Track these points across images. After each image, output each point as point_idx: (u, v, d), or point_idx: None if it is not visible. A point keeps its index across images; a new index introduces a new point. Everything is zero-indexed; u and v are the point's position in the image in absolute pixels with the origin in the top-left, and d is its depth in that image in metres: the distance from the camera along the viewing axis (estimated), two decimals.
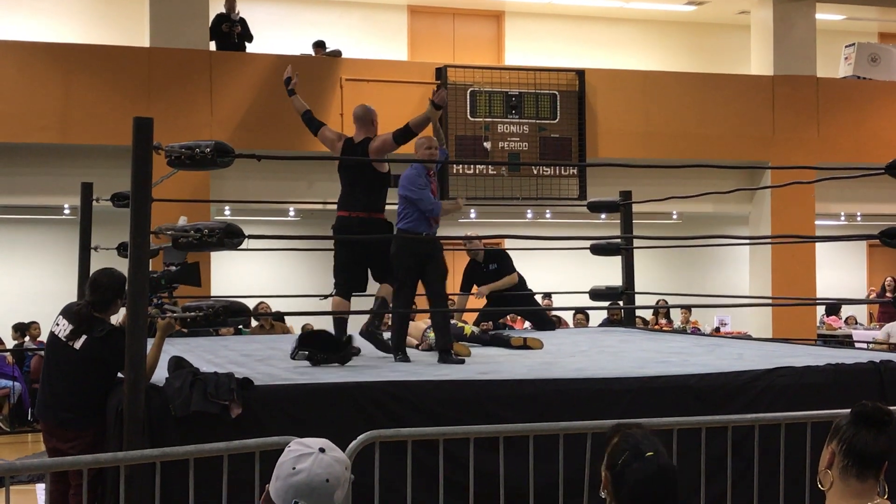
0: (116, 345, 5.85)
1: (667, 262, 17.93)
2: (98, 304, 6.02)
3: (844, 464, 2.79)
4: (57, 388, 6.06)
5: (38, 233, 15.64)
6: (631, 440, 2.99)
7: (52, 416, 6.15)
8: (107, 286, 6.06)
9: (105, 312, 6.03)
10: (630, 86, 15.61)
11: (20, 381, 12.39)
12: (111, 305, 6.06)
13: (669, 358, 7.19)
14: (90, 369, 5.88)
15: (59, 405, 6.02)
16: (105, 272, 6.26)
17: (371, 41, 16.73)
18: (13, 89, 12.94)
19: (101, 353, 5.84)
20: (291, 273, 16.26)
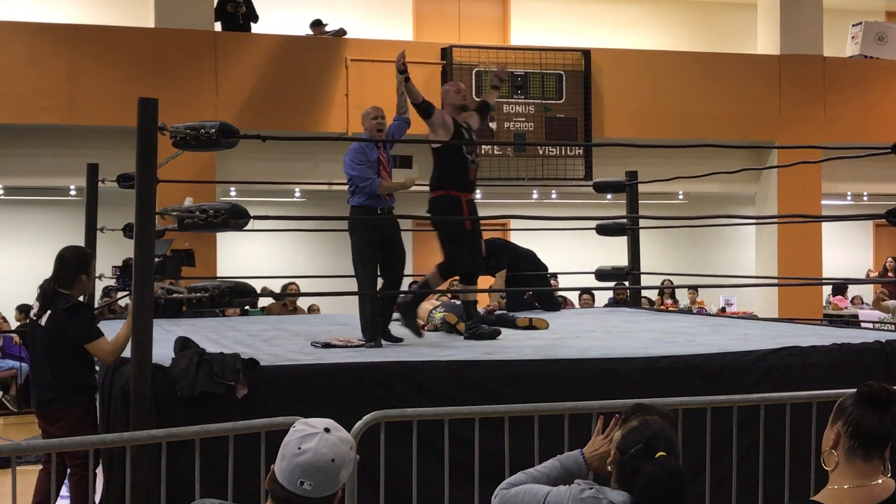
0: (79, 317, 5.88)
1: (673, 242, 17.91)
2: (62, 280, 6.07)
3: (850, 444, 2.78)
4: (36, 370, 6.10)
5: (43, 214, 15.65)
6: (647, 432, 3.03)
7: (36, 399, 6.16)
8: (69, 261, 6.11)
9: (70, 288, 6.05)
10: (636, 65, 15.56)
11: (27, 361, 12.41)
12: (75, 281, 6.10)
13: (675, 338, 7.19)
14: (58, 345, 5.90)
15: (40, 386, 6.05)
16: (69, 248, 6.33)
17: (376, 21, 16.67)
18: (19, 70, 12.93)
19: (64, 325, 5.86)
20: (297, 254, 16.27)
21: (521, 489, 3.20)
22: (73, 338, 5.85)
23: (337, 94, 13.93)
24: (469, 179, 7.27)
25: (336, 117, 13.85)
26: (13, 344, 12.63)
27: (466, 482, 4.82)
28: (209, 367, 5.27)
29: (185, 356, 5.43)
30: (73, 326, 5.85)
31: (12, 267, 15.11)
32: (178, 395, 5.19)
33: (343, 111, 13.79)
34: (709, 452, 5.01)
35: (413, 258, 16.92)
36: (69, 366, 5.92)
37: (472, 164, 7.30)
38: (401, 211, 7.60)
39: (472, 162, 7.30)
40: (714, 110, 15.51)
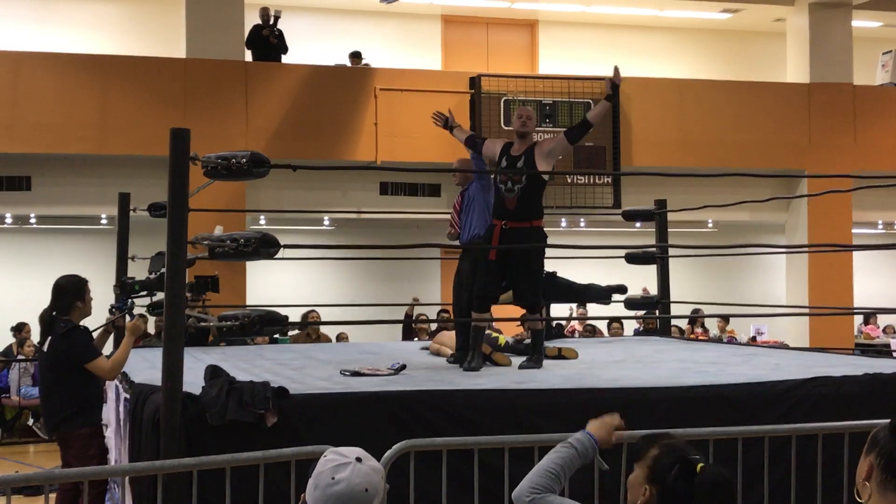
0: (78, 339, 6.05)
1: (703, 270, 17.84)
2: (59, 308, 6.28)
3: (883, 477, 2.75)
4: (44, 396, 6.25)
5: (75, 242, 15.79)
6: (676, 452, 2.98)
7: (49, 424, 6.33)
8: (65, 289, 6.27)
9: (68, 314, 6.20)
10: (665, 94, 15.56)
11: None
12: (72, 308, 6.29)
13: (705, 368, 7.13)
14: (60, 367, 6.07)
15: (48, 411, 6.19)
16: (65, 277, 6.57)
17: (405, 50, 16.78)
18: (52, 100, 13.09)
19: (65, 347, 6.01)
20: (327, 282, 16.31)
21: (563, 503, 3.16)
22: (73, 359, 6.00)
23: (366, 123, 14.00)
24: (506, 207, 7.25)
25: (365, 146, 13.91)
26: None
27: None
28: (239, 396, 5.27)
29: (215, 384, 5.44)
30: (71, 348, 6.01)
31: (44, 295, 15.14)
32: (208, 423, 5.20)
33: (372, 140, 13.86)
34: (740, 484, 4.96)
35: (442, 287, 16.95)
36: (72, 388, 6.09)
37: (508, 193, 7.26)
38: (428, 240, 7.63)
39: (508, 190, 7.26)
40: (743, 139, 15.47)
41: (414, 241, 15.30)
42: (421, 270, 16.70)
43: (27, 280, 15.59)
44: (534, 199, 7.28)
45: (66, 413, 6.06)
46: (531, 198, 7.24)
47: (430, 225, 15.69)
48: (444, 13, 17.28)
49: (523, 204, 7.18)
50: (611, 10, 17.37)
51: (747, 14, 17.50)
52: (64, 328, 6.13)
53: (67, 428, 6.08)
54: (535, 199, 7.29)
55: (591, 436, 3.31)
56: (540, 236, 7.32)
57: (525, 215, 7.21)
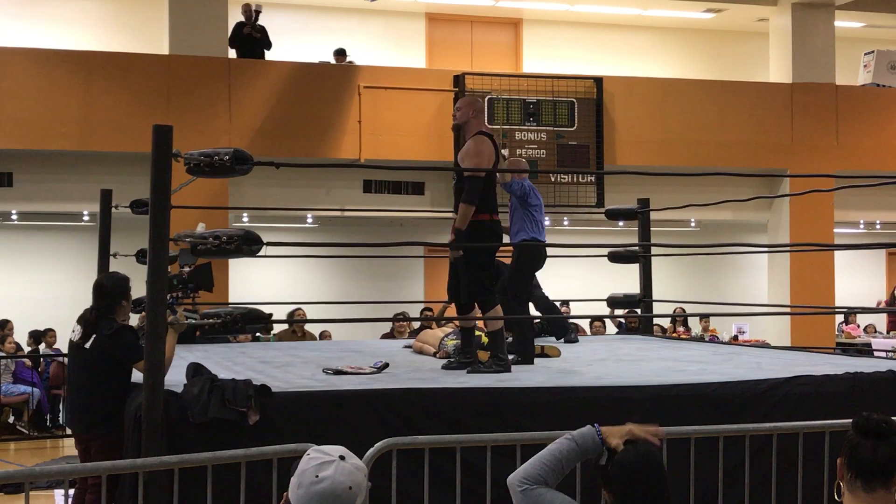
0: (125, 341, 5.98)
1: (685, 269, 17.90)
2: (104, 308, 6.15)
3: (850, 476, 2.79)
4: (77, 393, 6.18)
5: (57, 239, 15.72)
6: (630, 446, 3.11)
7: (76, 421, 6.27)
8: (109, 289, 6.21)
9: (113, 314, 6.12)
10: (648, 93, 15.60)
11: (39, 387, 12.44)
12: (117, 307, 6.19)
13: (687, 366, 7.17)
14: (102, 368, 5.98)
15: (80, 409, 6.12)
16: (107, 276, 6.49)
17: (389, 48, 16.76)
18: (33, 96, 13.02)
19: (111, 349, 5.95)
20: (309, 280, 16.29)
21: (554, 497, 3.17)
22: (122, 360, 5.92)
23: (350, 121, 13.98)
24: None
25: (349, 144, 13.90)
26: (25, 368, 12.64)
27: None
28: (221, 394, 5.27)
29: (197, 382, 5.44)
30: (121, 350, 5.92)
31: (26, 291, 15.18)
32: (190, 420, 5.20)
33: (356, 138, 13.85)
34: (721, 482, 4.98)
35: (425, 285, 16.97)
36: (107, 390, 6.00)
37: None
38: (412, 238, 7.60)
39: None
40: (726, 138, 15.52)
41: (398, 239, 15.30)
42: (405, 269, 16.71)
43: (8, 277, 15.54)
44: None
45: (101, 414, 6.00)
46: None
47: (414, 223, 15.70)
48: (428, 11, 17.27)
49: (458, 200, 6.85)
50: (595, 8, 17.39)
51: (730, 14, 17.55)
52: (112, 328, 6.03)
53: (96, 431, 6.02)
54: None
55: (597, 429, 3.28)
56: (481, 232, 6.80)
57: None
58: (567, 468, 3.23)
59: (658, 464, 3.03)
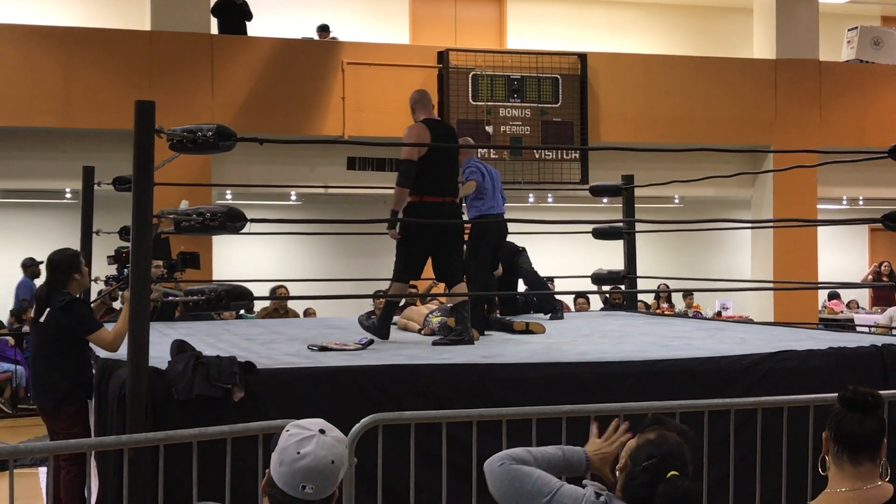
0: (77, 312, 6.03)
1: (669, 246, 17.94)
2: (56, 282, 6.23)
3: (836, 449, 2.80)
4: (37, 368, 6.23)
5: (39, 217, 15.64)
6: (663, 447, 2.98)
7: (38, 397, 6.31)
8: (58, 263, 6.28)
9: (66, 287, 6.17)
10: (632, 69, 15.58)
11: (22, 364, 12.41)
12: (69, 281, 6.26)
13: (671, 342, 7.19)
14: (57, 340, 6.04)
15: (41, 384, 6.16)
16: (58, 251, 6.50)
17: (373, 24, 16.68)
18: (14, 73, 12.92)
19: (64, 319, 5.99)
20: (292, 257, 16.26)
21: (534, 473, 3.12)
22: (73, 331, 5.96)
23: (333, 97, 13.92)
24: None
25: (332, 121, 13.85)
26: (8, 346, 12.61)
27: (464, 486, 4.81)
28: (206, 370, 5.26)
29: (181, 359, 5.42)
30: (73, 320, 5.98)
31: (7, 269, 15.08)
32: (174, 397, 5.18)
33: (339, 114, 13.80)
34: (706, 456, 5.00)
35: None
36: (65, 363, 6.04)
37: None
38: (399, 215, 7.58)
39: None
40: (710, 114, 15.53)
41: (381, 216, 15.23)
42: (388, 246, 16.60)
43: None
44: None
45: (61, 388, 6.02)
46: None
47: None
48: None
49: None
50: None
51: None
52: (63, 300, 6.08)
53: (53, 404, 6.06)
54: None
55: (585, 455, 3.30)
56: (421, 213, 7.18)
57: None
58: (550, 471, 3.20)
59: (698, 500, 3.00)
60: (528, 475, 3.12)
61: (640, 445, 3.02)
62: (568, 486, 3.08)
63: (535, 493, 3.08)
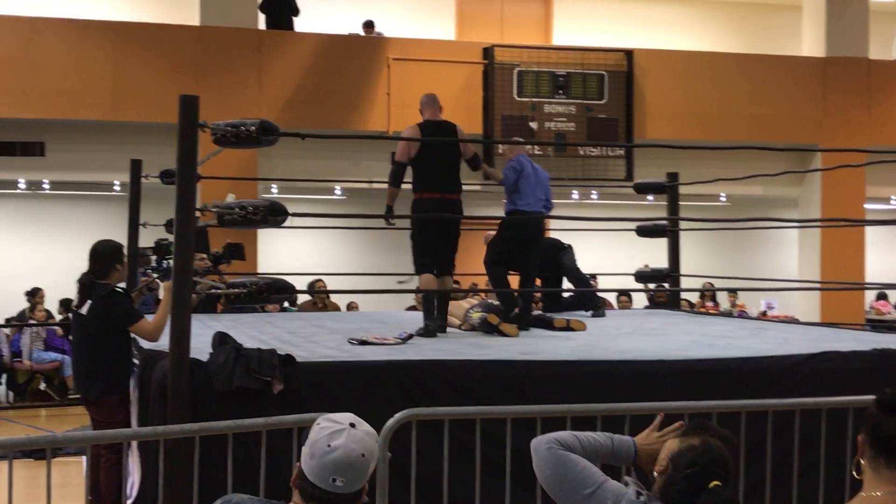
0: (118, 303, 6.10)
1: (715, 244, 17.81)
2: (98, 272, 6.31)
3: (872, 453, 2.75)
4: (79, 358, 6.31)
5: (88, 209, 15.84)
6: (707, 456, 2.92)
7: (81, 387, 6.39)
8: (102, 254, 6.36)
9: (106, 278, 6.25)
10: (679, 66, 15.48)
11: (69, 354, 12.57)
12: (111, 271, 6.35)
13: (714, 341, 7.14)
14: (98, 331, 6.10)
15: (84, 373, 6.24)
16: (101, 242, 6.58)
17: (419, 20, 16.70)
18: (65, 66, 13.09)
19: (105, 311, 6.05)
20: (336, 251, 16.33)
21: (580, 462, 3.05)
22: (115, 322, 6.03)
23: (379, 92, 13.97)
24: None
25: (377, 116, 13.90)
26: (56, 336, 12.79)
27: (498, 481, 4.81)
28: (246, 363, 5.31)
29: (222, 351, 5.48)
30: (114, 311, 6.04)
31: (57, 261, 15.28)
32: (214, 389, 5.23)
33: (384, 110, 13.85)
34: (743, 458, 4.97)
35: None
36: (107, 353, 6.11)
37: None
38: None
39: None
40: (757, 112, 15.39)
41: None
42: None
43: (40, 245, 15.69)
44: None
45: (104, 378, 6.10)
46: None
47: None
48: None
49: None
50: None
51: None
52: (104, 291, 6.17)
53: (96, 394, 6.13)
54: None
55: (635, 446, 3.25)
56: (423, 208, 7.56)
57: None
58: (596, 459, 3.14)
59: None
60: (574, 463, 3.07)
61: (682, 450, 2.95)
62: (612, 481, 3.05)
63: (579, 483, 3.04)
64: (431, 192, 7.54)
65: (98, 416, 6.16)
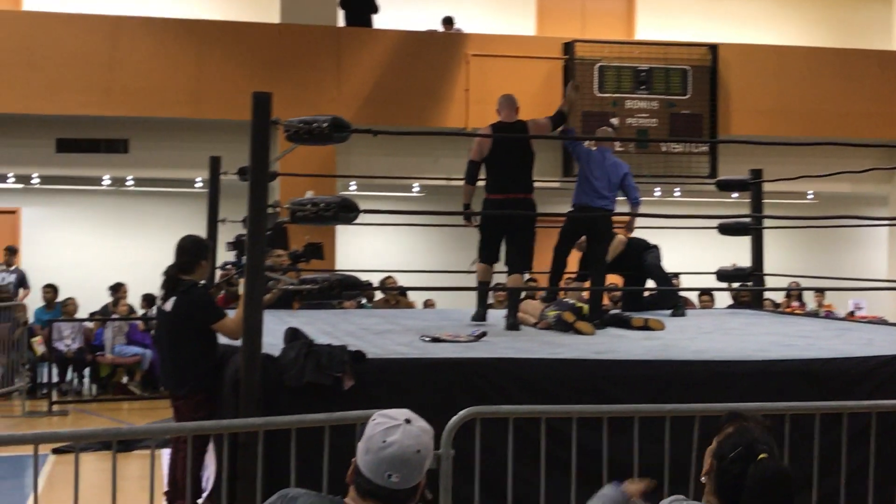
0: (201, 300, 6.07)
1: (801, 242, 17.45)
2: (183, 267, 6.27)
3: None
4: (165, 354, 6.33)
5: (171, 205, 16.08)
6: (747, 436, 2.92)
7: (168, 383, 6.42)
8: (188, 248, 6.33)
9: (191, 274, 6.24)
10: (765, 61, 15.20)
11: (151, 348, 12.77)
12: (196, 267, 6.31)
13: (794, 341, 6.97)
14: (183, 329, 6.10)
15: (170, 370, 6.26)
16: (188, 237, 6.54)
17: (498, 16, 16.63)
18: (148, 65, 13.30)
19: (188, 308, 6.05)
20: (414, 249, 16.35)
21: None
22: (198, 320, 6.03)
23: (457, 89, 13.95)
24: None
25: (456, 112, 13.88)
26: (138, 331, 13.00)
27: (564, 478, 4.74)
28: (317, 359, 5.31)
29: (293, 347, 5.49)
30: (197, 309, 6.04)
31: (139, 256, 15.56)
32: (285, 384, 5.24)
33: (463, 106, 13.82)
34: (817, 463, 4.81)
35: None
36: (194, 350, 6.11)
37: None
38: None
39: None
40: (845, 108, 15.04)
41: None
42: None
43: (124, 241, 15.98)
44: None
45: (190, 375, 6.12)
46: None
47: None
48: None
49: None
50: None
51: None
52: (187, 288, 6.19)
53: (182, 391, 6.16)
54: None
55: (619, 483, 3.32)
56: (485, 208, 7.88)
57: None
58: None
59: (790, 484, 2.87)
60: None
61: (722, 442, 2.95)
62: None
63: None
64: (495, 193, 7.76)
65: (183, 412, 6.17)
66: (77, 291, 14.02)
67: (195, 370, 6.09)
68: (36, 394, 12.32)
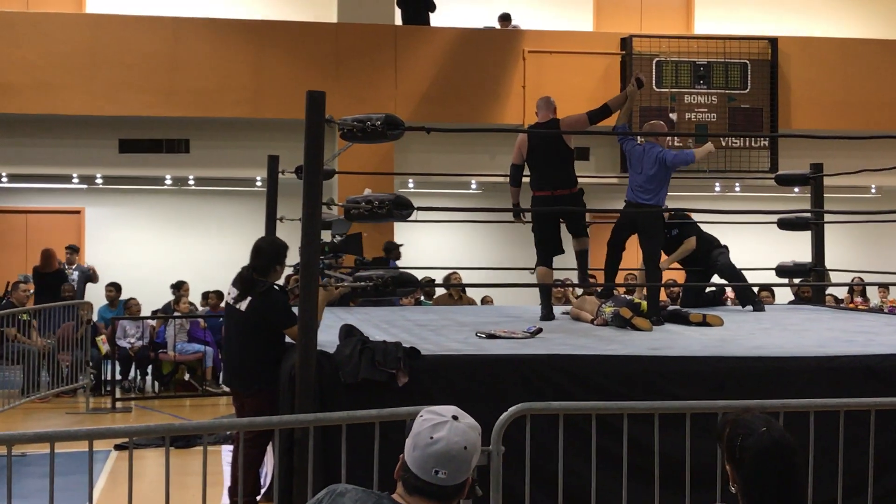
0: (275, 302, 6.11)
1: (863, 237, 17.19)
2: (259, 269, 6.30)
3: None
4: (233, 353, 6.37)
5: (231, 204, 16.23)
6: (742, 424, 2.94)
7: (233, 381, 6.47)
8: (265, 251, 6.35)
9: (266, 276, 6.27)
10: (826, 54, 14.98)
11: (212, 345, 12.91)
12: (271, 270, 6.32)
13: (854, 337, 6.89)
14: (256, 329, 6.13)
15: (236, 368, 6.31)
16: (266, 239, 6.62)
17: (555, 12, 16.57)
18: (207, 65, 13.45)
19: (263, 311, 6.08)
20: (472, 246, 16.34)
21: None
22: (272, 323, 6.07)
23: (514, 85, 13.93)
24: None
25: (513, 109, 13.86)
26: (199, 328, 13.15)
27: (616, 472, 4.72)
28: (371, 355, 5.36)
29: (348, 343, 5.54)
30: (271, 311, 6.07)
31: (200, 254, 15.75)
32: (341, 381, 5.29)
33: (520, 102, 13.80)
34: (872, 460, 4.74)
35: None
36: (263, 351, 6.16)
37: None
38: None
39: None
40: None
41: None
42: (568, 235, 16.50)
43: (186, 240, 16.16)
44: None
45: (258, 375, 6.16)
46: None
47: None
48: None
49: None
50: None
51: None
52: (264, 290, 6.20)
53: (249, 389, 6.20)
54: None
55: None
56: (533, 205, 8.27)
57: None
58: None
59: (793, 451, 2.87)
60: None
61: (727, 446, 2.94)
62: None
63: None
64: (540, 191, 8.08)
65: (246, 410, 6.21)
66: (139, 290, 14.20)
67: (263, 372, 6.13)
68: (100, 391, 12.52)
